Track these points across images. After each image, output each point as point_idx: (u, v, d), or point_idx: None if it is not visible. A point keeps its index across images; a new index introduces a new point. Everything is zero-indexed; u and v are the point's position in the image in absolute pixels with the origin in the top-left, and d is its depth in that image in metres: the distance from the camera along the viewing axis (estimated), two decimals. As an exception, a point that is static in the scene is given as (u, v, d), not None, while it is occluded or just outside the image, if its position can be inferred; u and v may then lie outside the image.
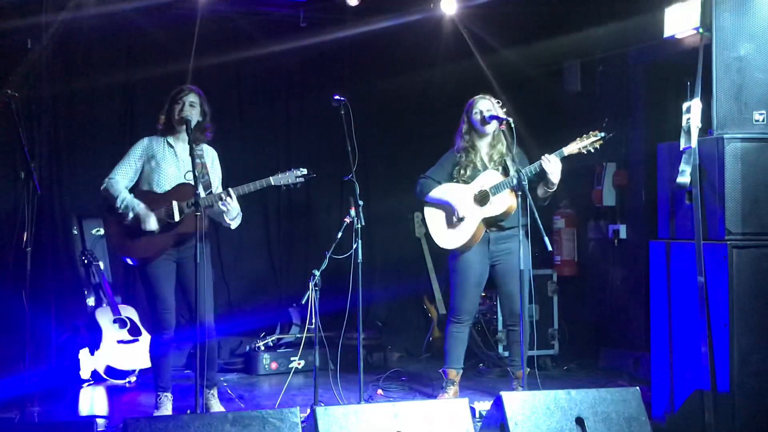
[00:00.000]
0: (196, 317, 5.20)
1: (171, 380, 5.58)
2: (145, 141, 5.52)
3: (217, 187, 5.56)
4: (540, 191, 5.66)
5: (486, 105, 5.75)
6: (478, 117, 5.74)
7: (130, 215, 5.34)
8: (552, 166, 5.50)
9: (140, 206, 5.35)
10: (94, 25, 7.20)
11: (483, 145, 5.83)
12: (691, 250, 4.93)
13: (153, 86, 7.39)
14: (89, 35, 7.32)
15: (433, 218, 5.88)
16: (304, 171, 5.46)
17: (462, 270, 5.80)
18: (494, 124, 5.71)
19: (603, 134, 5.55)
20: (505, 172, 5.73)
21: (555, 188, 5.63)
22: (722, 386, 4.80)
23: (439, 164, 5.93)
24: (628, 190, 7.41)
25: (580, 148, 5.56)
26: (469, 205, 5.72)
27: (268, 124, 8.27)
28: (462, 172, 5.78)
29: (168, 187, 5.42)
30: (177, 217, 5.34)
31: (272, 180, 5.42)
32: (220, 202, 5.33)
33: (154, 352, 5.57)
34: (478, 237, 5.73)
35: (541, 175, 5.55)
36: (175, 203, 5.35)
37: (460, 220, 5.72)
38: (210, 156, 5.62)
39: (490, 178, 5.71)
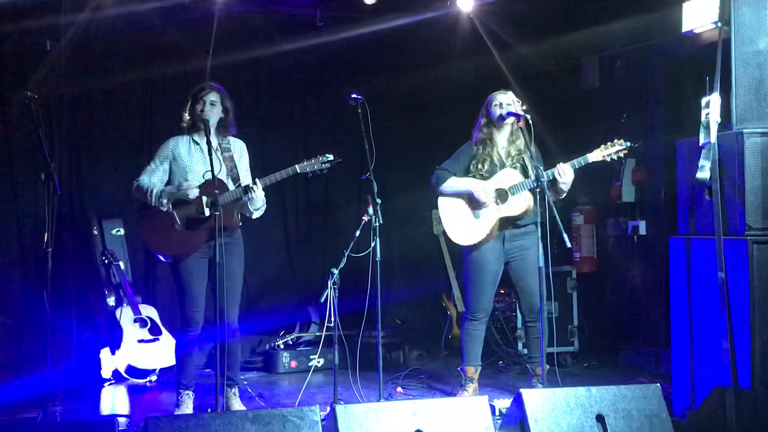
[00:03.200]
0: (221, 315, 5.22)
1: (194, 379, 5.61)
2: (171, 141, 5.54)
3: (245, 178, 5.57)
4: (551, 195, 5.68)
5: (506, 98, 5.75)
6: (497, 110, 5.73)
7: (164, 201, 5.35)
8: (566, 176, 5.54)
9: (171, 186, 5.38)
10: (113, 26, 7.25)
11: (501, 139, 5.82)
12: (712, 246, 4.90)
13: (172, 85, 7.44)
14: (108, 36, 7.35)
15: (449, 212, 5.85)
16: (330, 157, 5.44)
17: (477, 267, 5.79)
18: (511, 119, 5.71)
19: (628, 144, 5.57)
20: (524, 170, 5.72)
21: (564, 195, 5.66)
22: (744, 382, 4.77)
23: (456, 156, 5.91)
24: (647, 186, 7.38)
25: (604, 156, 5.59)
26: (487, 192, 5.70)
27: (285, 122, 8.28)
28: (480, 166, 5.77)
29: (197, 184, 5.44)
30: (207, 212, 5.36)
31: (298, 168, 5.42)
32: (246, 195, 5.35)
33: (180, 349, 5.60)
34: (493, 234, 5.72)
35: (553, 182, 5.56)
36: (204, 199, 5.37)
37: (480, 209, 5.69)
38: (238, 148, 5.64)
39: (509, 177, 5.70)
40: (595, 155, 5.60)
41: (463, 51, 8.06)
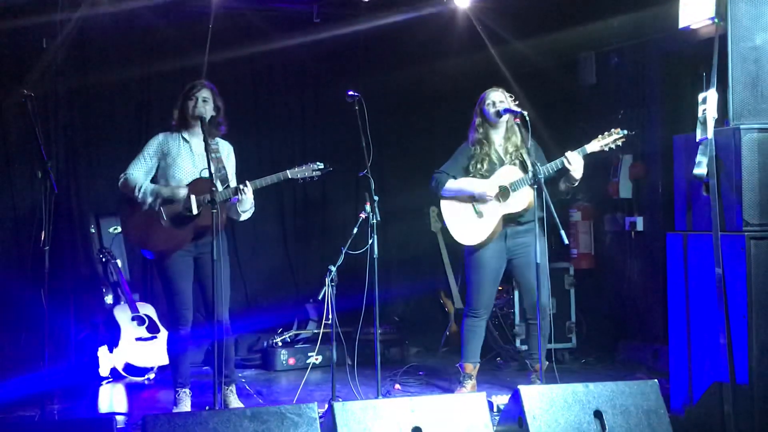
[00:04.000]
0: (212, 314, 5.23)
1: (189, 376, 5.61)
2: (160, 137, 5.55)
3: (231, 180, 5.58)
4: (562, 186, 5.69)
5: (498, 96, 5.75)
6: (491, 109, 5.73)
7: (149, 200, 5.36)
8: (574, 164, 5.52)
9: (162, 187, 5.38)
10: (109, 23, 7.23)
11: (497, 137, 5.82)
12: (709, 242, 4.90)
13: (168, 83, 7.42)
14: (104, 33, 7.34)
15: (451, 213, 5.86)
16: (321, 165, 5.47)
17: (479, 265, 5.79)
18: (507, 116, 5.71)
19: (625, 132, 5.57)
20: (522, 166, 5.72)
21: (577, 183, 5.65)
22: (741, 378, 4.77)
23: (454, 158, 5.91)
24: (644, 182, 7.38)
25: (602, 146, 5.58)
26: (489, 187, 5.70)
27: (282, 119, 8.28)
28: (478, 166, 5.77)
29: (185, 182, 5.44)
30: (195, 211, 5.37)
31: (289, 173, 5.44)
32: (235, 196, 5.35)
33: (172, 348, 5.60)
34: (496, 233, 5.73)
35: (563, 171, 5.56)
36: (192, 197, 5.37)
37: (483, 206, 5.69)
38: (225, 150, 5.64)
39: (509, 173, 5.70)
40: (593, 146, 5.59)
41: (460, 47, 8.05)
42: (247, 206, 5.46)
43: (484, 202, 5.70)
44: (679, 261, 5.23)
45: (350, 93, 5.43)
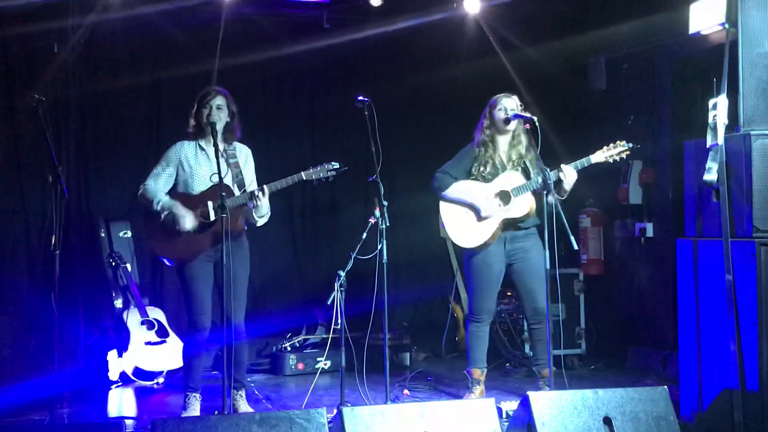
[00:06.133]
0: (227, 318, 5.24)
1: (200, 381, 5.61)
2: (177, 146, 5.56)
3: (251, 183, 5.60)
4: (551, 198, 5.67)
5: (511, 103, 5.75)
6: (501, 114, 5.73)
7: (165, 214, 5.38)
8: (568, 177, 5.54)
9: (177, 206, 5.40)
10: (120, 29, 7.27)
11: (503, 142, 5.82)
12: (719, 248, 4.89)
13: (179, 88, 7.45)
14: (115, 38, 7.38)
15: (450, 215, 5.85)
16: (336, 165, 5.47)
17: (479, 269, 5.78)
18: (515, 123, 5.71)
19: (630, 145, 5.57)
20: (525, 173, 5.72)
21: (566, 196, 5.65)
22: (751, 385, 4.76)
23: (457, 159, 5.91)
24: (654, 187, 7.37)
25: (606, 157, 5.59)
26: (490, 205, 5.71)
27: (292, 124, 8.29)
28: (481, 168, 5.77)
29: (202, 189, 5.45)
30: (212, 217, 5.38)
31: (304, 175, 5.44)
32: (251, 201, 5.36)
33: (188, 352, 5.61)
34: (495, 237, 5.72)
35: (556, 183, 5.55)
36: (210, 204, 5.38)
37: (483, 219, 5.71)
38: (243, 154, 5.65)
39: (511, 179, 5.70)
40: (598, 156, 5.61)
41: (470, 53, 8.06)
42: (263, 211, 5.47)
43: (487, 209, 5.70)
44: (689, 267, 5.23)
45: (360, 98, 5.43)
